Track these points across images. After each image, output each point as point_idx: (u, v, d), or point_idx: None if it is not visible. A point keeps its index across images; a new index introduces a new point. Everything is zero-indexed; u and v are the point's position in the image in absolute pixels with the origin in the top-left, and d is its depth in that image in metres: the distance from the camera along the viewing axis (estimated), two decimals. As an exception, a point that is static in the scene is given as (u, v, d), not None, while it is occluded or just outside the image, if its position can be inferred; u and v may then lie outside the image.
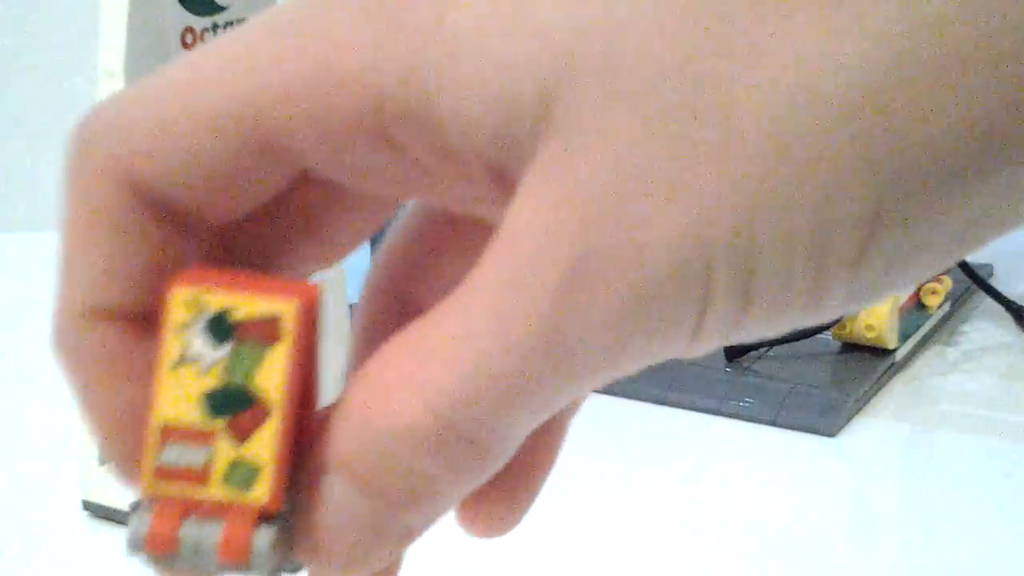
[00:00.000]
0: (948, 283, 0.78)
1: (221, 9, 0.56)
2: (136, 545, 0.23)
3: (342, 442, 0.24)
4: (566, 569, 0.56)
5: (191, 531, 0.23)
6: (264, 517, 0.23)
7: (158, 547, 0.23)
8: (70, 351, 0.25)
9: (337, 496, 0.24)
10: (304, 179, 0.25)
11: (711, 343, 0.23)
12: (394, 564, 0.28)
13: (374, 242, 0.74)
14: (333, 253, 0.28)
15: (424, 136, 0.23)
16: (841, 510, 0.61)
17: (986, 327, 0.78)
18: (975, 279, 0.79)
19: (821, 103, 0.21)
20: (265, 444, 0.23)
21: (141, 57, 0.53)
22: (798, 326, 0.23)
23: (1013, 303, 0.78)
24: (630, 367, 0.23)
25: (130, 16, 0.52)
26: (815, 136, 0.21)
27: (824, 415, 0.67)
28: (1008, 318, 0.78)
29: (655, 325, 0.22)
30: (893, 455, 0.67)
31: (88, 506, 0.59)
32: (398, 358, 0.24)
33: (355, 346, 0.29)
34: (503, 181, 0.23)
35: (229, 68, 0.23)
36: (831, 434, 0.66)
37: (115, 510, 0.57)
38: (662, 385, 0.70)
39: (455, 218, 0.28)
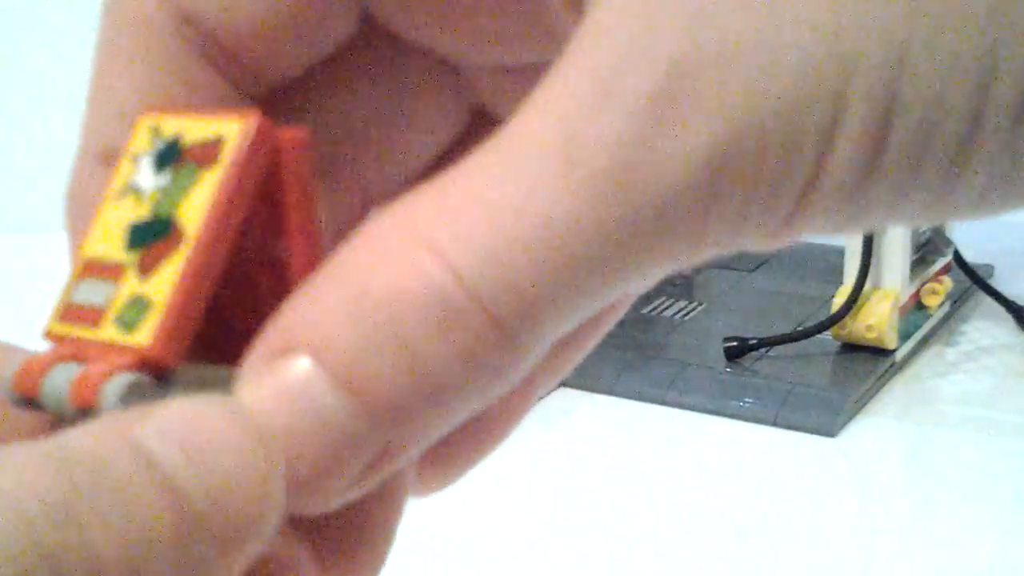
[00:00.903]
0: (948, 283, 0.78)
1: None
2: (4, 386, 0.20)
3: (316, 310, 0.18)
4: (565, 568, 0.56)
5: (57, 373, 0.19)
6: (152, 367, 0.19)
7: (19, 387, 0.19)
8: (78, 195, 0.22)
9: (299, 383, 0.17)
10: (369, 59, 0.22)
11: (821, 215, 0.18)
12: (388, 505, 0.21)
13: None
14: (395, 163, 0.24)
15: None
16: (841, 510, 0.61)
17: (986, 327, 0.78)
18: (975, 279, 0.79)
19: None
20: (166, 278, 0.19)
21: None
22: (923, 216, 0.19)
23: (1013, 303, 0.78)
24: (714, 239, 0.18)
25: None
26: None
27: (824, 415, 0.67)
28: (1008, 318, 0.78)
29: (764, 165, 0.17)
30: (893, 455, 0.67)
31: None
32: (417, 205, 0.18)
33: None
34: (576, 6, 0.19)
35: None
36: (831, 434, 0.66)
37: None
38: (662, 385, 0.70)
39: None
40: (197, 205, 0.19)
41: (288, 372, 0.18)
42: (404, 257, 0.17)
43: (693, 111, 0.17)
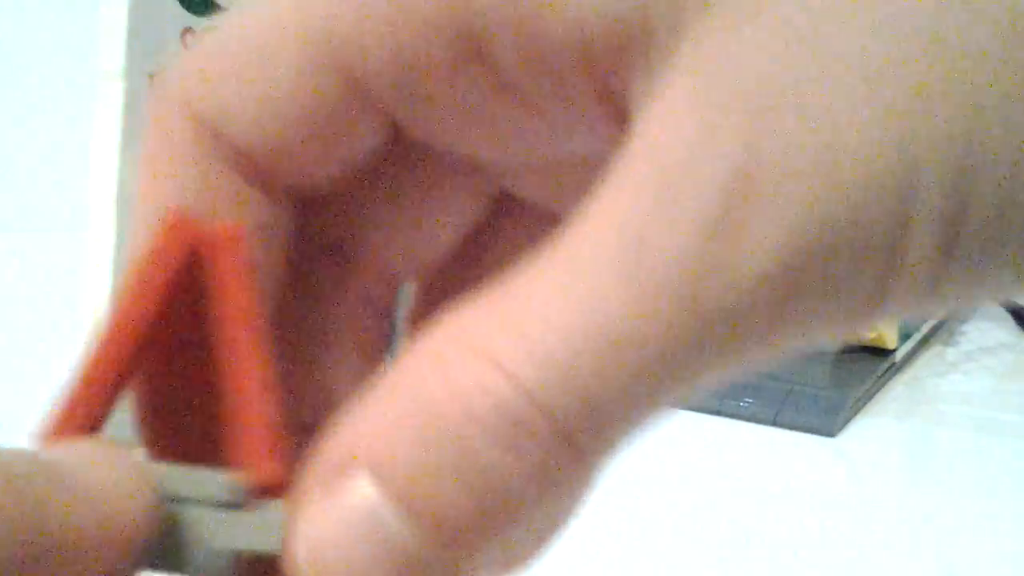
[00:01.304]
0: (948, 283, 0.78)
1: (221, 9, 0.56)
2: None
3: (377, 428, 0.17)
4: (564, 567, 0.56)
5: None
6: None
7: None
8: None
9: (362, 508, 0.17)
10: (394, 156, 0.22)
11: (895, 308, 0.17)
12: None
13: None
14: (420, 248, 0.23)
15: (519, 39, 0.18)
16: (841, 510, 0.61)
17: (986, 327, 0.78)
18: (975, 279, 0.79)
19: None
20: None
21: (141, 57, 0.53)
22: (1002, 293, 0.18)
23: (1013, 303, 0.78)
24: (786, 342, 0.17)
25: (130, 16, 0.52)
26: None
27: (824, 415, 0.67)
28: (1008, 318, 0.78)
29: (834, 268, 0.17)
30: (893, 455, 0.67)
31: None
32: (476, 317, 0.17)
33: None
34: (612, 107, 0.19)
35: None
36: (831, 434, 0.66)
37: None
38: (662, 385, 0.70)
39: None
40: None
41: (349, 496, 0.17)
42: (466, 371, 0.17)
43: (757, 218, 0.16)
